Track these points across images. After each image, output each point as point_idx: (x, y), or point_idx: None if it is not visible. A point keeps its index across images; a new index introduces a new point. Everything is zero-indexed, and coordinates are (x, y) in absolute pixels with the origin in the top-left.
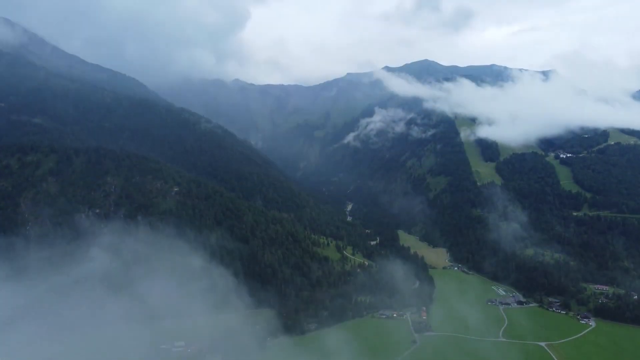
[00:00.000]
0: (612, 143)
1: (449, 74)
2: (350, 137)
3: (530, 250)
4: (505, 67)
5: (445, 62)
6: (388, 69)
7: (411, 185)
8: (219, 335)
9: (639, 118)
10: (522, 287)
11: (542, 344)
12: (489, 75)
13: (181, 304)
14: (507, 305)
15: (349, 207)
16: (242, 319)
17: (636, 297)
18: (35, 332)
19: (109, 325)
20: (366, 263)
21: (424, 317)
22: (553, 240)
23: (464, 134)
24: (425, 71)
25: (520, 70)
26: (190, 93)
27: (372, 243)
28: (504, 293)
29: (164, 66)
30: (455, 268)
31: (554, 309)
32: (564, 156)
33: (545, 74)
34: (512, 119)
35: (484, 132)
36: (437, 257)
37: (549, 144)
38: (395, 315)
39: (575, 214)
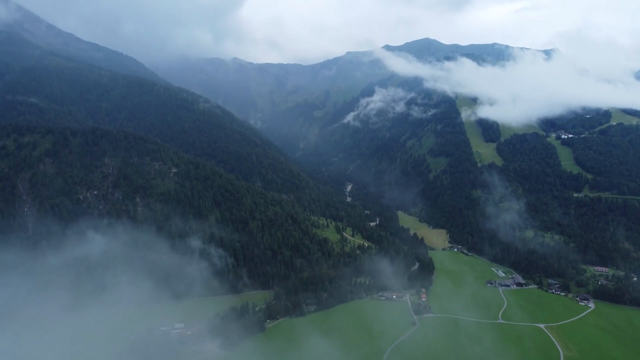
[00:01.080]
0: (614, 124)
1: (450, 53)
2: (350, 117)
3: (530, 231)
4: (507, 46)
5: (446, 40)
6: (388, 47)
7: (411, 166)
8: (218, 317)
9: None
10: (521, 269)
11: (541, 325)
12: (490, 54)
13: (180, 285)
14: (506, 286)
15: (349, 188)
16: (241, 301)
17: (636, 279)
18: (32, 314)
19: (108, 307)
20: (366, 244)
21: (424, 299)
22: (553, 222)
23: (465, 114)
24: (426, 50)
25: (522, 49)
26: (189, 72)
27: (372, 224)
28: (503, 275)
29: (161, 45)
30: (455, 249)
31: (553, 290)
32: (565, 137)
33: (547, 53)
34: (513, 98)
35: (485, 112)
36: (437, 238)
37: (550, 124)
38: (394, 297)
39: (575, 195)
